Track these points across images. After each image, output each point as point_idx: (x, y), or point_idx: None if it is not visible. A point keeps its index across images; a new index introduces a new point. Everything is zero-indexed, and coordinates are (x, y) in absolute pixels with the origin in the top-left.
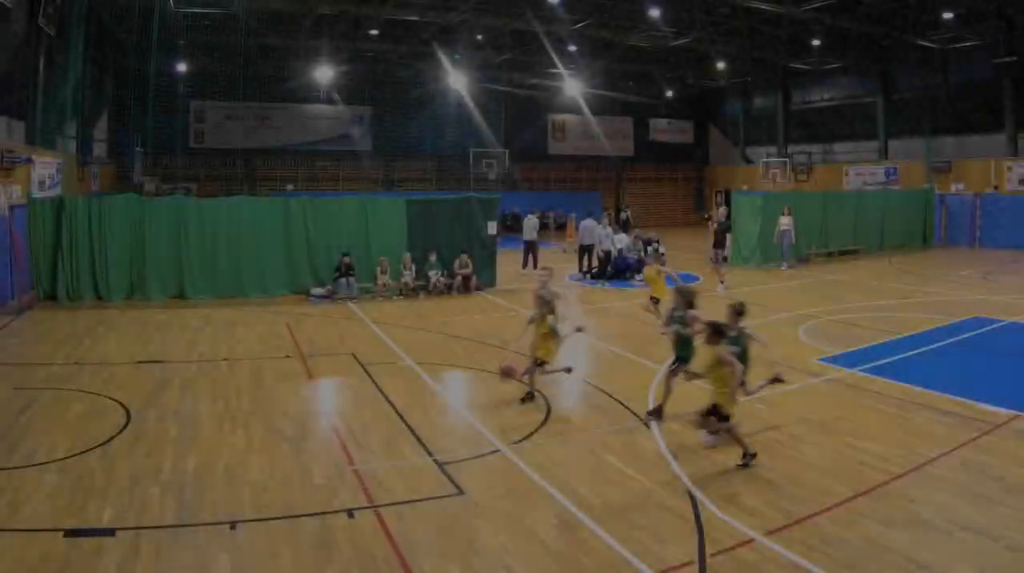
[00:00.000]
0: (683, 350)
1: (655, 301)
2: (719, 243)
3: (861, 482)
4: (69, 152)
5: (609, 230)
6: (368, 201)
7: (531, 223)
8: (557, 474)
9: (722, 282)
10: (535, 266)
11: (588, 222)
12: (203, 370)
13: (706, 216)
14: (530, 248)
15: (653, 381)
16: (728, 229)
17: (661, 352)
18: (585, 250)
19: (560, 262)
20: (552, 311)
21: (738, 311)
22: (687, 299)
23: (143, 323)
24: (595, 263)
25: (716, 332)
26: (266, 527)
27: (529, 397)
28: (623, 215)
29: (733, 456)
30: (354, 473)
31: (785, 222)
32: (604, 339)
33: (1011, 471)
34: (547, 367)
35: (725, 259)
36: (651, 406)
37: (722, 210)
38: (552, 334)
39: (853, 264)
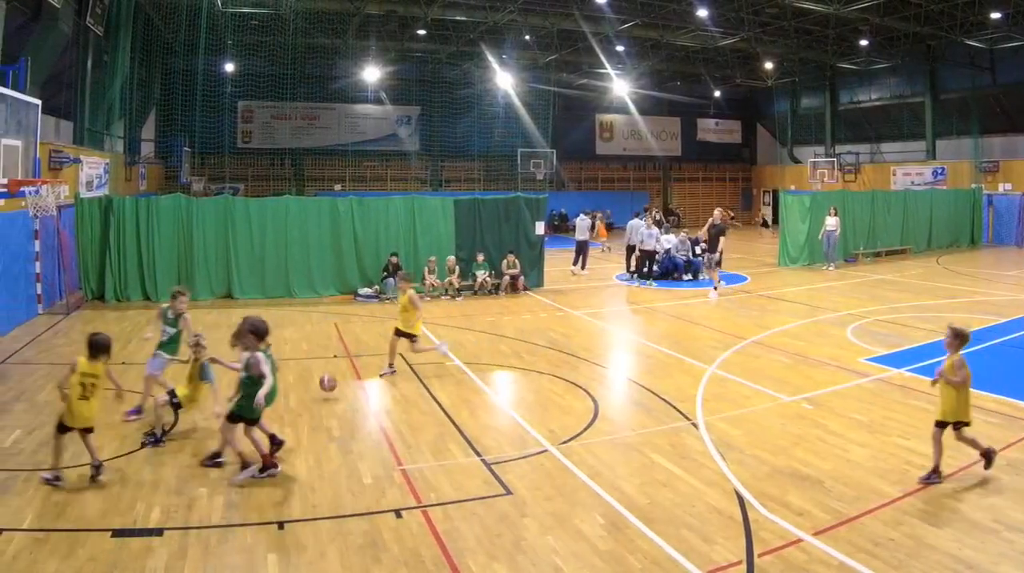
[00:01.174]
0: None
1: (410, 337)
2: (712, 247)
3: (908, 482)
4: (117, 152)
5: (653, 230)
6: (416, 201)
7: (583, 223)
8: (604, 474)
9: (715, 288)
10: (583, 266)
11: (633, 222)
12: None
13: (759, 221)
14: (581, 248)
15: (701, 380)
16: (722, 232)
17: (709, 352)
18: (632, 250)
19: (599, 261)
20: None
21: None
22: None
23: (192, 322)
24: (636, 262)
25: None
26: (314, 527)
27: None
28: (672, 216)
29: (781, 455)
30: (402, 473)
31: (831, 222)
32: (651, 339)
33: None
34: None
35: (719, 264)
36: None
37: (717, 211)
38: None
39: (901, 264)
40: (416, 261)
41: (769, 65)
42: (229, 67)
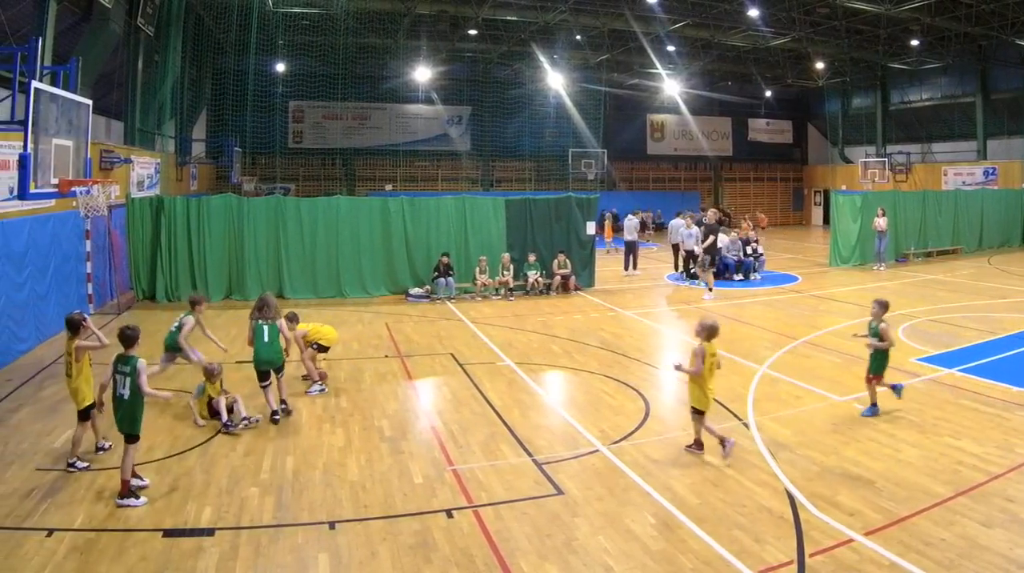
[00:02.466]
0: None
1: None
2: (710, 247)
3: (960, 482)
4: (167, 152)
5: (693, 229)
6: (467, 201)
7: (632, 223)
8: (656, 474)
9: (710, 289)
10: (635, 267)
11: (676, 221)
12: (302, 370)
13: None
14: (631, 249)
15: (752, 380)
16: (714, 231)
17: (760, 352)
18: (677, 249)
19: (649, 261)
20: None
21: None
22: None
23: (242, 323)
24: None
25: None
26: (365, 527)
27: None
28: (723, 216)
29: (832, 455)
30: (453, 473)
31: (880, 223)
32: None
33: None
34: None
35: (712, 264)
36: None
37: (710, 212)
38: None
39: (952, 264)
40: (467, 261)
41: (820, 65)
42: (280, 67)
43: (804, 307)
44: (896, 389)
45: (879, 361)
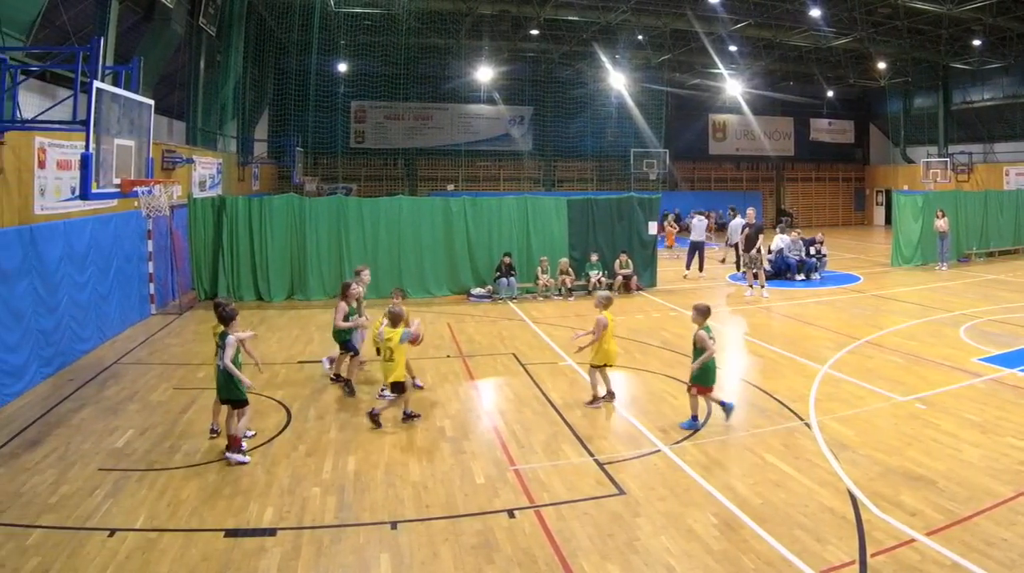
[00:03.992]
0: None
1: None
2: (751, 246)
3: (1022, 482)
4: (229, 152)
5: (738, 222)
6: (529, 201)
7: (700, 224)
8: (717, 474)
9: (763, 286)
10: (700, 269)
11: (735, 222)
12: (363, 369)
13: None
14: (696, 249)
15: (814, 380)
16: (760, 230)
17: (822, 352)
18: (738, 248)
19: (711, 262)
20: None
21: None
22: None
23: (304, 323)
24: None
25: None
26: (427, 527)
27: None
28: (785, 217)
29: (894, 455)
30: (515, 473)
31: (940, 224)
32: (764, 339)
33: None
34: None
35: (760, 263)
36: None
37: (750, 210)
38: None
39: (1014, 264)
40: (529, 261)
41: (882, 65)
42: (342, 67)
43: (866, 307)
44: (725, 406)
45: (698, 371)
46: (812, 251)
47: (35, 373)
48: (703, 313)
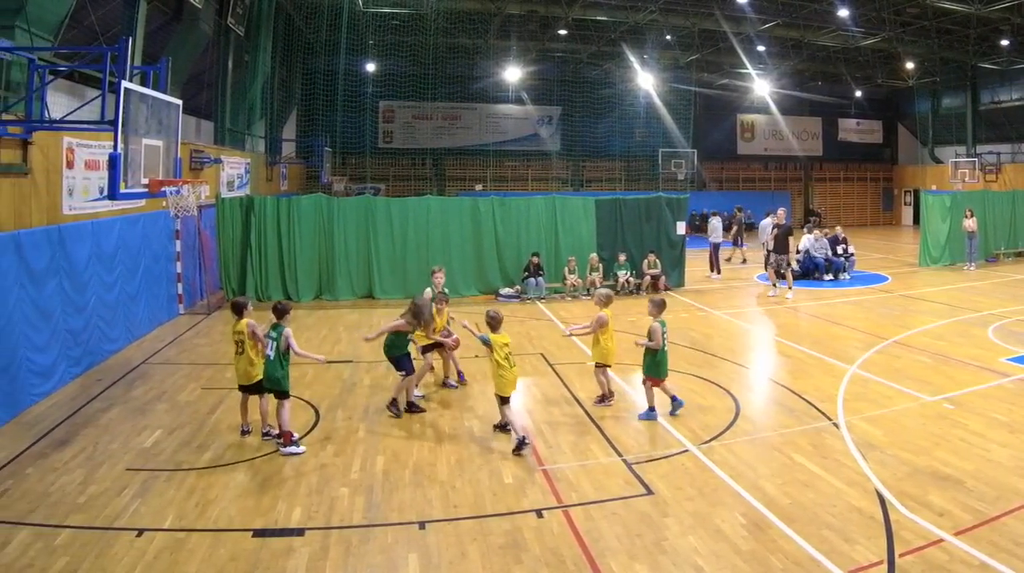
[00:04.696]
0: None
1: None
2: (782, 248)
3: None
4: (257, 152)
5: (768, 222)
6: (557, 201)
7: (718, 224)
8: (746, 474)
9: (789, 287)
10: (718, 271)
11: (764, 222)
12: (392, 370)
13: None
14: (716, 250)
15: (842, 380)
16: (790, 232)
17: (850, 352)
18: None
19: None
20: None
21: None
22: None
23: (332, 323)
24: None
25: None
26: (455, 527)
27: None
28: (813, 216)
29: (923, 455)
30: (543, 473)
31: (969, 223)
32: (792, 339)
33: None
34: None
35: (788, 264)
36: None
37: (780, 210)
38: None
39: None
40: (557, 261)
41: (910, 65)
42: (370, 67)
43: (894, 307)
44: (675, 402)
45: (649, 362)
46: (839, 250)
47: (63, 373)
48: (659, 306)
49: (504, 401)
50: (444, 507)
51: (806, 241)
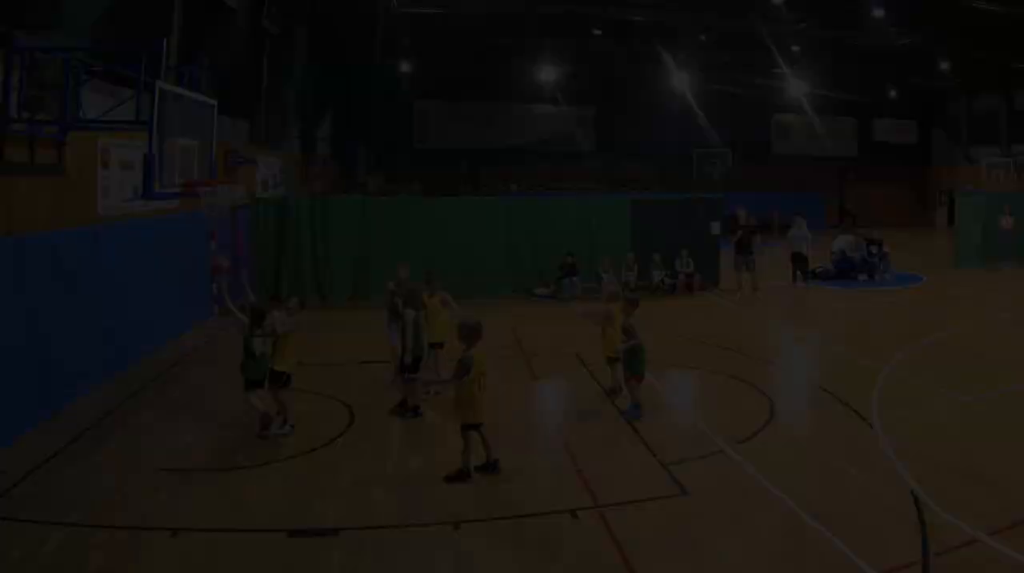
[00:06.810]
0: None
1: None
2: (745, 249)
3: None
4: (293, 151)
5: (805, 231)
6: (592, 201)
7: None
8: (781, 475)
9: (755, 289)
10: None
11: (799, 233)
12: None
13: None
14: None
15: (877, 380)
16: (755, 231)
17: (885, 351)
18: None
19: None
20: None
21: None
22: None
23: (366, 323)
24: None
25: None
26: (489, 527)
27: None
28: (848, 217)
29: (958, 455)
30: (578, 473)
31: (1005, 223)
32: (827, 339)
33: None
34: None
35: (748, 266)
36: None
37: (740, 211)
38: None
39: None
40: (592, 261)
41: (945, 65)
42: (405, 66)
43: (929, 307)
44: (635, 407)
45: (631, 360)
46: (873, 250)
47: (99, 373)
48: (634, 304)
49: (473, 428)
50: (478, 507)
51: (841, 241)
